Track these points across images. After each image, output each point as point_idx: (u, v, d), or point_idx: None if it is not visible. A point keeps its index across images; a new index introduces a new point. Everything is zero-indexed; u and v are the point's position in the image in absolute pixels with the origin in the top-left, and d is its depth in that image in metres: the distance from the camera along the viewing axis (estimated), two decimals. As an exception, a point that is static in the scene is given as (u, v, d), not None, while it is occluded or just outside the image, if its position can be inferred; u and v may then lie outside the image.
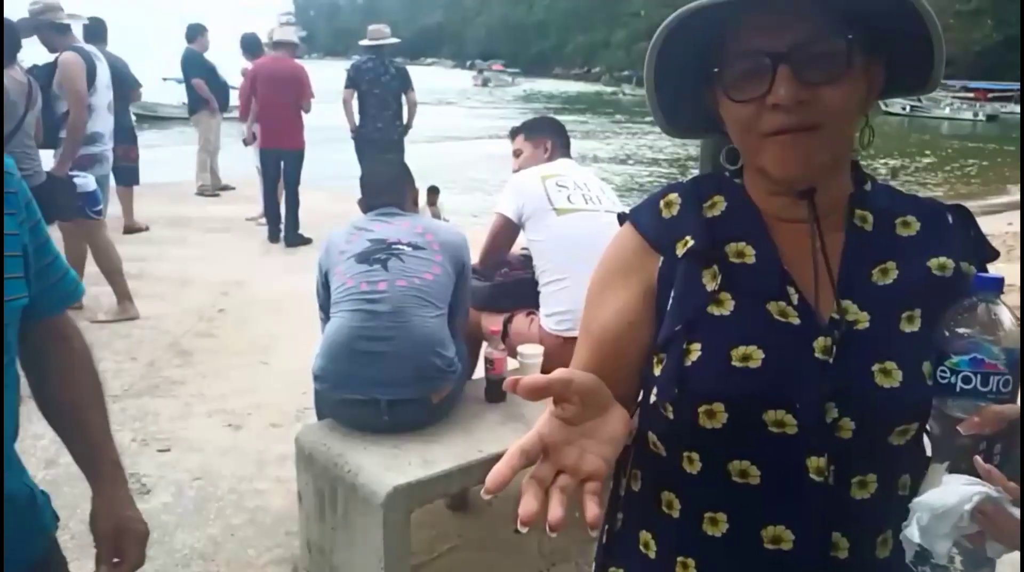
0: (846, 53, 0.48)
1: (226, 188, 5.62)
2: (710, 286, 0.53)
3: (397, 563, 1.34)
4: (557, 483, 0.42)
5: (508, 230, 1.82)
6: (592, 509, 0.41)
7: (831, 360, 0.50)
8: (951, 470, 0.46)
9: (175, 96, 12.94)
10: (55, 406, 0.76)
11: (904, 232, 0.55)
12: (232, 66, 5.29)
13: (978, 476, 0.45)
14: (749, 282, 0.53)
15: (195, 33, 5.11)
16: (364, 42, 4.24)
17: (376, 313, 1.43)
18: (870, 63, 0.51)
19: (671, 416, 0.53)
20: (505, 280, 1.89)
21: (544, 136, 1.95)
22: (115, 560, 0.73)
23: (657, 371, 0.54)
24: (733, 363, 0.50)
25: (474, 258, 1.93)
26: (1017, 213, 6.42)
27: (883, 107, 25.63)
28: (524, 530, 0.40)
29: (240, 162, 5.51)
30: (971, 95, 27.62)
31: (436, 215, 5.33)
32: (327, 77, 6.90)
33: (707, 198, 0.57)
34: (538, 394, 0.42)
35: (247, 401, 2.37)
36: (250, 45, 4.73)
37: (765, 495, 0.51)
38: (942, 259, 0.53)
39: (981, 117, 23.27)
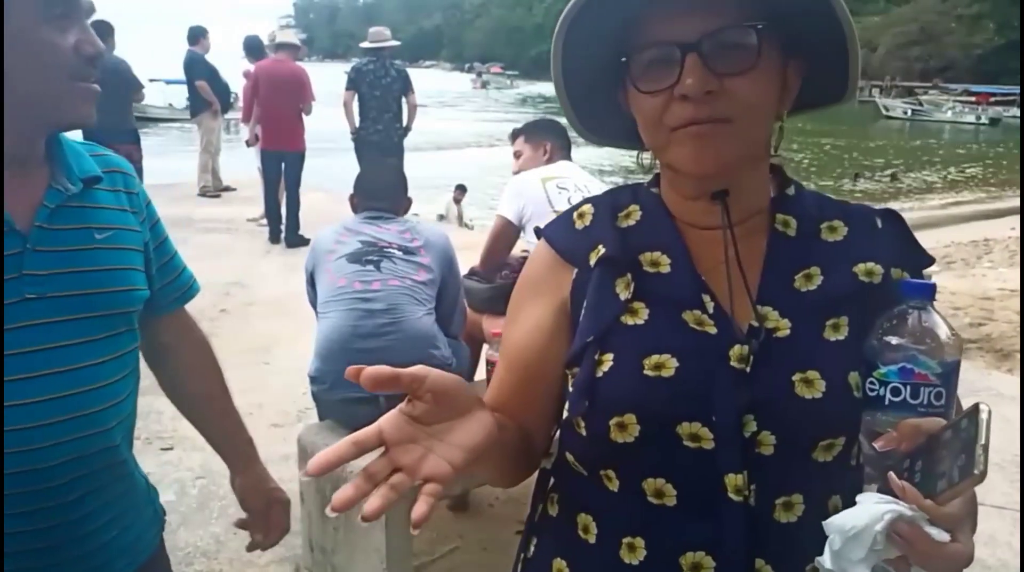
0: (757, 44, 0.46)
1: (227, 189, 5.63)
2: (623, 295, 0.50)
3: (399, 564, 1.34)
4: (390, 480, 0.40)
5: (509, 232, 1.82)
6: (419, 509, 0.39)
7: (748, 369, 0.47)
8: (880, 490, 0.43)
9: (161, 98, 12.94)
10: (190, 399, 0.83)
11: (830, 237, 0.52)
12: (233, 69, 5.31)
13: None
14: (664, 291, 0.50)
15: (197, 35, 5.13)
16: (365, 44, 4.24)
17: (371, 311, 1.44)
18: (786, 62, 0.49)
19: (584, 432, 0.50)
20: (506, 282, 1.90)
21: (544, 138, 1.96)
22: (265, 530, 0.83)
23: (570, 386, 0.51)
24: (645, 372, 0.48)
25: (476, 261, 1.94)
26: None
27: (884, 111, 25.67)
28: (332, 515, 0.39)
29: (241, 163, 5.52)
30: (972, 99, 27.59)
31: (459, 213, 5.30)
32: (326, 80, 6.92)
33: (623, 208, 0.55)
34: (383, 385, 0.39)
35: (248, 401, 2.36)
36: (253, 48, 4.74)
37: (683, 518, 0.48)
38: (870, 265, 0.51)
39: (984, 121, 23.24)
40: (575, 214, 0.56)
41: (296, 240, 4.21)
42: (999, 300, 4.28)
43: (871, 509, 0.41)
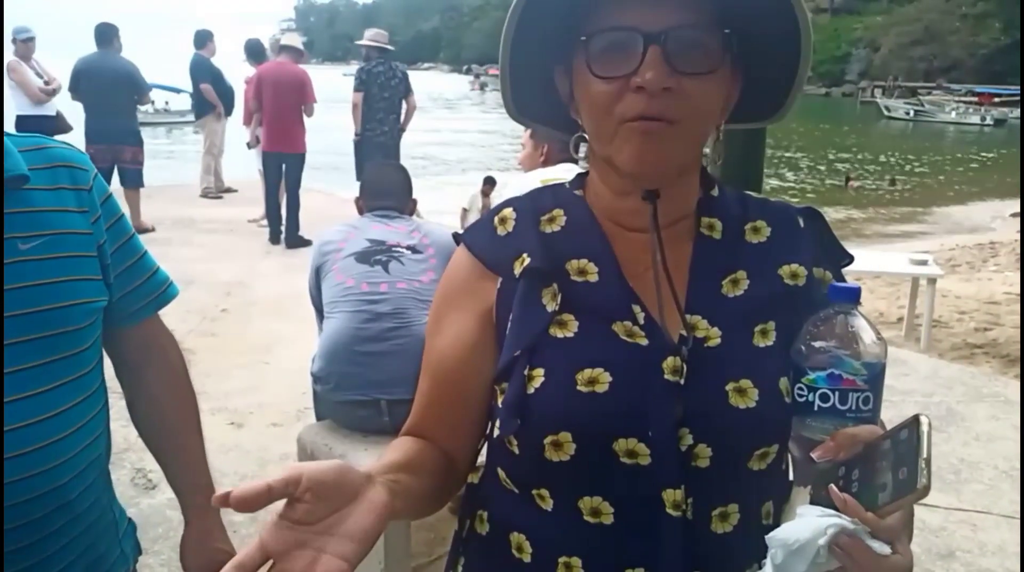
0: (720, 48, 0.45)
1: (229, 190, 5.65)
2: (550, 306, 0.49)
3: (397, 564, 1.34)
4: None
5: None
6: None
7: (682, 381, 0.47)
8: (813, 499, 0.43)
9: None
10: (151, 425, 0.73)
11: (754, 238, 0.52)
12: (235, 72, 5.34)
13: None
14: (592, 301, 0.49)
15: (204, 39, 5.17)
16: (370, 43, 4.24)
17: (378, 314, 1.44)
18: (734, 74, 0.48)
19: (516, 450, 0.49)
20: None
21: (545, 139, 1.96)
22: None
23: (499, 402, 0.49)
24: (579, 388, 0.46)
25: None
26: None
27: (886, 112, 25.57)
28: None
29: (243, 165, 5.55)
30: (976, 100, 27.44)
31: (487, 206, 5.30)
32: (327, 83, 6.92)
33: (545, 212, 0.53)
34: (255, 504, 0.36)
35: (249, 400, 2.37)
36: (254, 51, 4.77)
37: (620, 536, 0.47)
38: (794, 267, 0.51)
39: (989, 121, 23.08)
40: (496, 219, 0.53)
41: (296, 241, 4.21)
42: (1005, 304, 4.23)
43: (813, 523, 0.41)
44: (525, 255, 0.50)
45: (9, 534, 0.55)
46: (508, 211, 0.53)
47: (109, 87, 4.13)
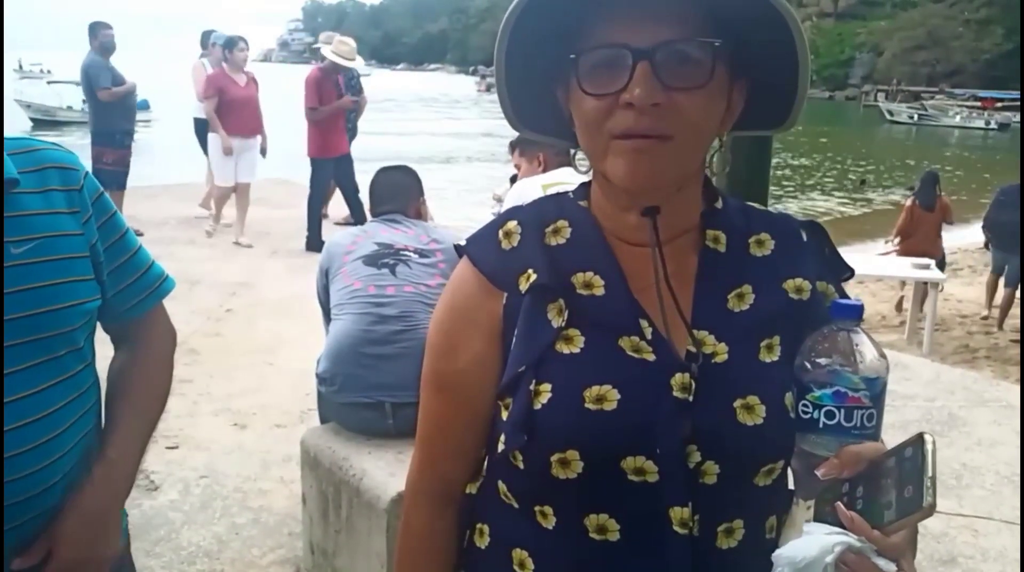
0: (711, 61, 0.45)
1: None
2: (556, 322, 0.48)
3: (399, 565, 1.34)
4: None
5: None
6: None
7: (690, 398, 0.47)
8: (816, 515, 0.44)
9: (58, 99, 12.72)
10: (114, 384, 0.72)
11: (758, 251, 0.52)
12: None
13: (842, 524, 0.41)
14: (599, 316, 0.49)
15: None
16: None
17: (384, 317, 1.45)
18: (733, 83, 0.48)
19: (522, 466, 0.49)
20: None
21: (536, 149, 1.96)
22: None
23: (504, 416, 0.49)
24: (587, 405, 0.46)
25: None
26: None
27: (888, 116, 25.53)
28: None
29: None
30: (979, 104, 27.40)
31: None
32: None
33: (550, 223, 0.52)
34: None
35: (253, 401, 2.38)
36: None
37: (625, 553, 0.47)
38: (798, 281, 0.51)
39: (993, 126, 23.07)
40: (501, 232, 0.53)
41: (319, 245, 4.21)
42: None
43: (821, 540, 0.41)
44: (531, 271, 0.50)
45: (15, 531, 0.56)
46: (512, 225, 0.53)
47: (85, 87, 4.16)
